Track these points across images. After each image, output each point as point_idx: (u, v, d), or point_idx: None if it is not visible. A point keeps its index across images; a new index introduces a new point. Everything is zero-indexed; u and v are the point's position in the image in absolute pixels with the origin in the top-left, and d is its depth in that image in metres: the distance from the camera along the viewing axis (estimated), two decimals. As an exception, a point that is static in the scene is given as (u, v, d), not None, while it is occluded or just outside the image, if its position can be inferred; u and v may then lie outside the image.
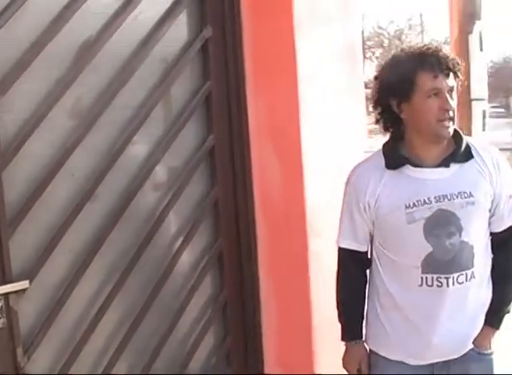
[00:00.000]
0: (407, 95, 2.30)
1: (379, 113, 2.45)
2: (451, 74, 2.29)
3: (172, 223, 3.07)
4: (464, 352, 2.49)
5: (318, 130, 3.12)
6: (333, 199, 2.86)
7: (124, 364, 2.91)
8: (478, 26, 3.41)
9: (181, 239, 3.08)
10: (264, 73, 3.14)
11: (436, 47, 2.34)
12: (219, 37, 3.10)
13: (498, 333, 2.58)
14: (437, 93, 2.26)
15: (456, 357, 2.48)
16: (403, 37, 46.90)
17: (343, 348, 2.66)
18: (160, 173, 2.99)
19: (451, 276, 2.35)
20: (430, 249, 2.34)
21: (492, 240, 2.48)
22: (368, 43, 46.17)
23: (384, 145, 2.48)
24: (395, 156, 2.40)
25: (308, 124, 3.09)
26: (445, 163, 2.37)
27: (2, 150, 2.43)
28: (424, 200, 2.33)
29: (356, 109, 3.43)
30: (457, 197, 2.34)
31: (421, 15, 44.52)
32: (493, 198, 2.40)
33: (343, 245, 2.56)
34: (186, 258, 3.10)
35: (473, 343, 2.49)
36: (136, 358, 2.97)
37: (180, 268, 3.09)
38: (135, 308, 2.93)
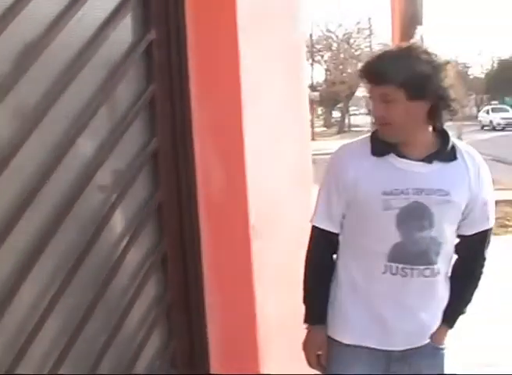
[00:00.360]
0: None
1: None
2: (381, 82, 2.36)
3: (117, 224, 3.06)
4: (421, 345, 2.59)
5: (261, 132, 3.16)
6: (276, 201, 2.90)
7: (70, 366, 2.87)
8: (419, 31, 3.47)
9: (125, 241, 3.06)
10: (208, 76, 3.15)
11: (384, 55, 2.45)
12: (163, 40, 3.10)
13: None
14: (372, 99, 2.40)
15: (412, 348, 2.57)
16: (352, 40, 47.40)
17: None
18: (104, 174, 2.97)
19: (417, 268, 2.44)
20: (399, 239, 2.42)
21: (459, 242, 2.59)
22: (317, 46, 46.59)
23: (373, 133, 2.56)
24: (382, 144, 2.48)
25: (252, 127, 3.11)
26: (428, 159, 2.45)
27: None
28: (402, 190, 2.41)
29: (300, 112, 3.47)
30: (435, 193, 2.42)
31: (369, 18, 45.02)
32: (468, 202, 2.48)
33: (318, 225, 2.61)
34: (130, 260, 3.08)
35: (430, 337, 2.60)
36: (82, 359, 2.94)
37: (125, 270, 3.07)
38: (80, 309, 2.89)
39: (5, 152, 2.58)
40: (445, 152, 2.47)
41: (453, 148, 2.50)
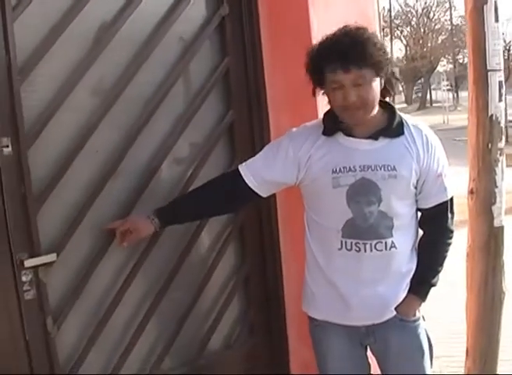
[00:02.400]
0: (321, 84, 2.47)
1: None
2: (353, 68, 2.34)
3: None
4: (387, 319, 2.60)
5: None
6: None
7: (149, 335, 3.01)
8: None
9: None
10: (280, 49, 3.20)
11: (342, 39, 2.38)
12: (236, 15, 3.17)
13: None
14: (340, 87, 2.37)
15: (377, 322, 2.61)
16: (431, 14, 46.46)
17: None
18: (181, 148, 3.06)
19: (369, 242, 2.48)
20: (350, 215, 2.47)
21: (421, 216, 2.62)
22: (396, 21, 45.88)
23: (325, 114, 2.60)
24: (331, 124, 2.53)
25: (325, 98, 3.13)
26: (374, 136, 2.48)
27: (28, 129, 2.53)
28: (350, 167, 2.45)
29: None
30: (381, 169, 2.45)
31: (449, -9, 43.85)
32: (419, 175, 2.50)
33: (242, 172, 2.65)
34: (209, 230, 3.18)
35: (396, 310, 2.60)
36: (161, 329, 3.07)
37: (203, 240, 3.18)
38: (159, 280, 3.02)
39: (87, 128, 2.72)
40: (391, 128, 2.50)
41: (401, 123, 2.52)
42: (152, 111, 2.91)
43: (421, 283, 2.63)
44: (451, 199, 2.62)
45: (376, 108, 2.48)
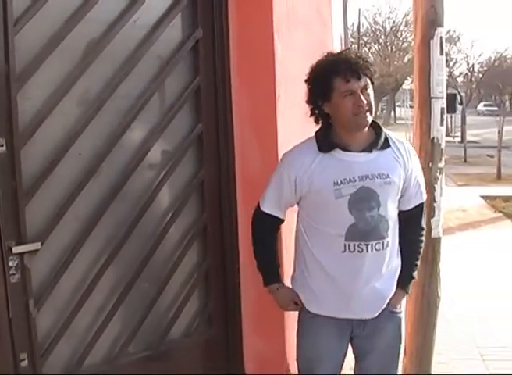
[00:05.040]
0: (328, 97, 2.73)
1: (311, 109, 2.86)
2: (362, 76, 2.69)
3: (164, 199, 3.45)
4: (380, 311, 2.89)
5: (292, 119, 3.47)
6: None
7: (118, 321, 3.30)
8: (438, 32, 3.72)
9: (171, 213, 3.46)
10: (247, 71, 3.52)
11: (348, 54, 2.76)
12: (209, 39, 3.49)
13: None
14: (351, 93, 2.68)
15: (370, 317, 2.88)
16: (399, 33, 46.84)
17: None
18: (154, 155, 3.38)
19: (370, 243, 2.75)
20: (353, 220, 2.73)
21: (400, 217, 2.91)
22: (364, 38, 46.15)
23: (316, 133, 2.87)
24: (326, 142, 2.80)
25: (284, 115, 3.47)
26: (368, 149, 2.77)
27: (21, 131, 2.84)
28: (350, 179, 2.72)
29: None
30: (377, 177, 2.75)
31: (417, 11, 44.02)
32: (404, 180, 2.85)
33: (267, 211, 2.92)
34: (175, 230, 3.48)
35: (387, 303, 2.90)
36: (128, 316, 3.36)
37: (170, 238, 3.47)
38: (129, 272, 3.31)
39: (73, 133, 3.03)
40: (380, 141, 2.80)
41: (386, 137, 2.83)
42: (130, 120, 3.23)
43: (406, 278, 2.96)
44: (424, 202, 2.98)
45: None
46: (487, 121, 38.15)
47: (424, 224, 3.04)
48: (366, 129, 2.78)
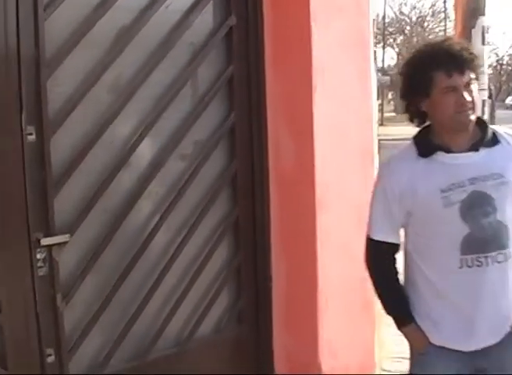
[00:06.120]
0: (426, 93, 2.41)
1: (405, 106, 2.56)
2: (466, 70, 2.37)
3: (195, 191, 3.36)
4: (503, 337, 2.49)
5: (329, 112, 3.41)
6: (341, 177, 3.13)
7: (147, 315, 3.22)
8: (480, 21, 3.65)
9: (202, 206, 3.39)
10: (282, 61, 3.44)
11: (451, 44, 2.42)
12: (242, 26, 3.42)
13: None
14: (453, 89, 2.36)
15: (495, 342, 2.47)
16: (426, 24, 46.49)
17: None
18: (186, 145, 3.30)
19: (490, 254, 2.39)
20: (467, 230, 2.39)
21: None
22: (390, 29, 45.84)
23: (415, 136, 2.56)
24: (427, 144, 2.48)
25: (320, 106, 3.38)
26: (474, 148, 2.44)
27: (51, 119, 2.76)
28: (459, 183, 2.40)
29: (365, 96, 3.70)
30: (490, 178, 2.40)
31: (444, 1, 43.65)
32: None
33: (378, 238, 2.55)
34: (206, 223, 3.41)
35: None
36: (159, 311, 3.29)
37: (200, 232, 3.39)
38: (158, 266, 3.25)
39: (103, 121, 2.96)
40: (487, 138, 2.46)
41: (493, 132, 2.50)
42: (162, 109, 3.16)
43: None
44: None
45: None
46: (516, 115, 37.70)
47: None
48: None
